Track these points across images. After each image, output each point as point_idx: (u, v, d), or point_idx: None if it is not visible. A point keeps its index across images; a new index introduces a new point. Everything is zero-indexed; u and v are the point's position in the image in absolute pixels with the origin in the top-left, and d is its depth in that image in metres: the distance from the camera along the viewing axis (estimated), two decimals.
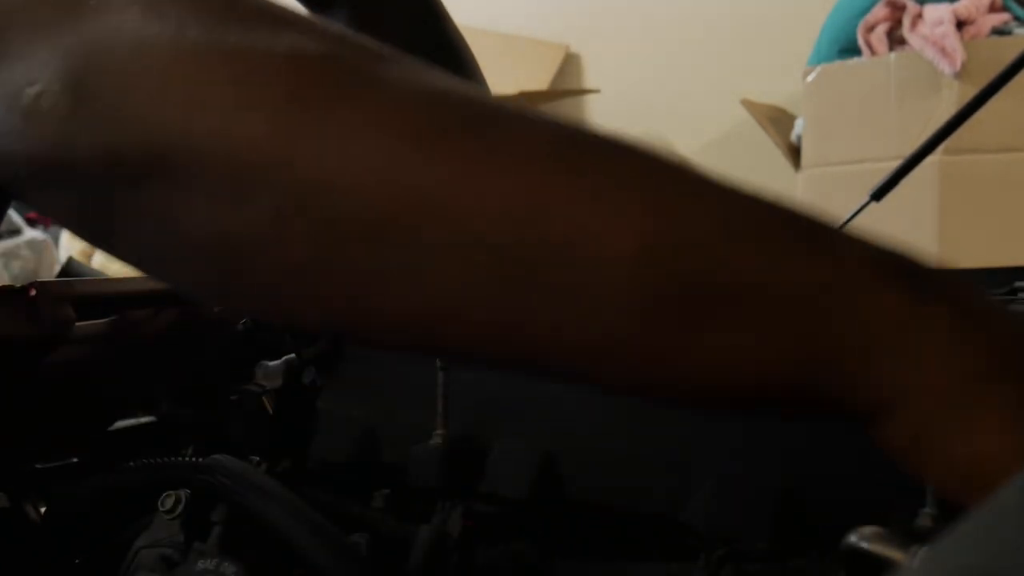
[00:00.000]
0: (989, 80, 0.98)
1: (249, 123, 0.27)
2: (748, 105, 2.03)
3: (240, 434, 0.62)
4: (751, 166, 2.38)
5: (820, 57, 1.86)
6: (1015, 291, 0.63)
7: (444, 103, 0.27)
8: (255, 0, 0.30)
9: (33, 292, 0.51)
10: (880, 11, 1.74)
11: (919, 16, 1.68)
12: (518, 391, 0.51)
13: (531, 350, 0.27)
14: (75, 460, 0.66)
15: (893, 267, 0.27)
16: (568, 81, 2.62)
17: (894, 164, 1.04)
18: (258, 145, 0.27)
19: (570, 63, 2.63)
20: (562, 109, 2.67)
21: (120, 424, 0.69)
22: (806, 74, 1.82)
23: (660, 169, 0.28)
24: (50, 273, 2.62)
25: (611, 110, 2.62)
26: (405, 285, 0.27)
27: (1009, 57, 0.97)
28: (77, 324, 0.54)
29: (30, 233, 2.77)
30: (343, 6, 0.81)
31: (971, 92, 1.02)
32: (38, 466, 0.63)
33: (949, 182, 1.61)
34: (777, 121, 2.02)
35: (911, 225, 1.62)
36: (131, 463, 0.56)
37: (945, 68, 1.60)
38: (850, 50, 1.80)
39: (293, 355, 0.59)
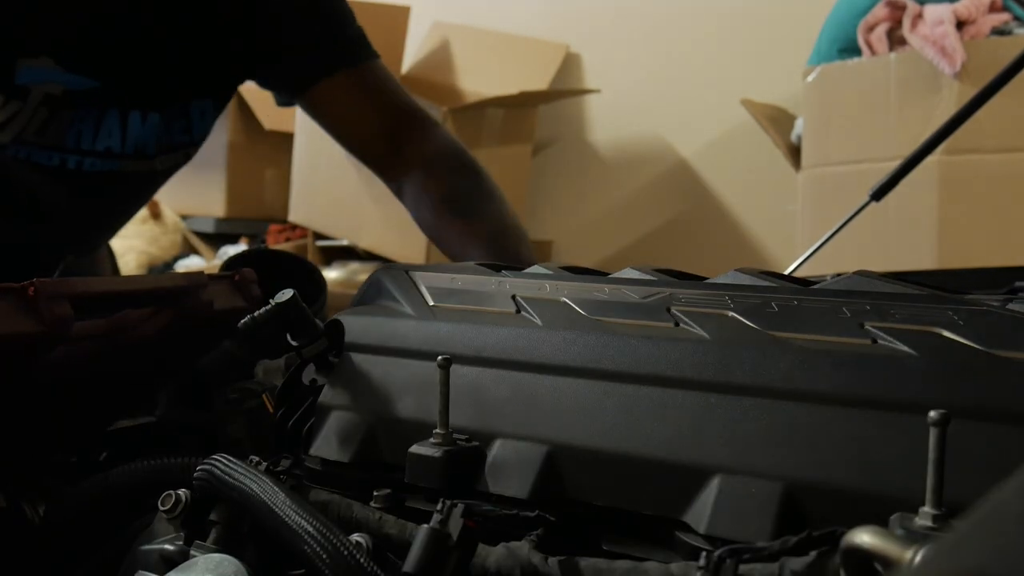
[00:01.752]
0: (989, 80, 0.98)
1: None
2: (748, 105, 2.03)
3: (240, 433, 0.62)
4: (751, 166, 2.38)
5: (820, 57, 1.86)
6: (1015, 291, 0.63)
7: None
8: None
9: (32, 290, 0.51)
10: (880, 11, 1.74)
11: (919, 16, 1.68)
12: (518, 391, 0.51)
13: None
14: (75, 460, 0.66)
15: None
16: (568, 81, 2.62)
17: (894, 164, 1.04)
18: None
19: (570, 63, 2.63)
20: (562, 109, 2.68)
21: (120, 424, 0.69)
22: (806, 74, 1.82)
23: None
24: None
25: (611, 110, 2.62)
26: None
27: (1009, 57, 0.97)
28: (76, 323, 0.54)
29: None
30: None
31: (971, 92, 1.02)
32: (37, 466, 0.63)
33: (949, 182, 1.61)
34: (777, 121, 2.02)
35: (911, 225, 1.62)
36: (130, 463, 0.56)
37: (945, 68, 1.60)
38: (850, 50, 1.80)
39: (293, 354, 0.59)
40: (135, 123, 1.11)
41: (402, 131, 1.22)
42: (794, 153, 1.90)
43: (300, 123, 2.48)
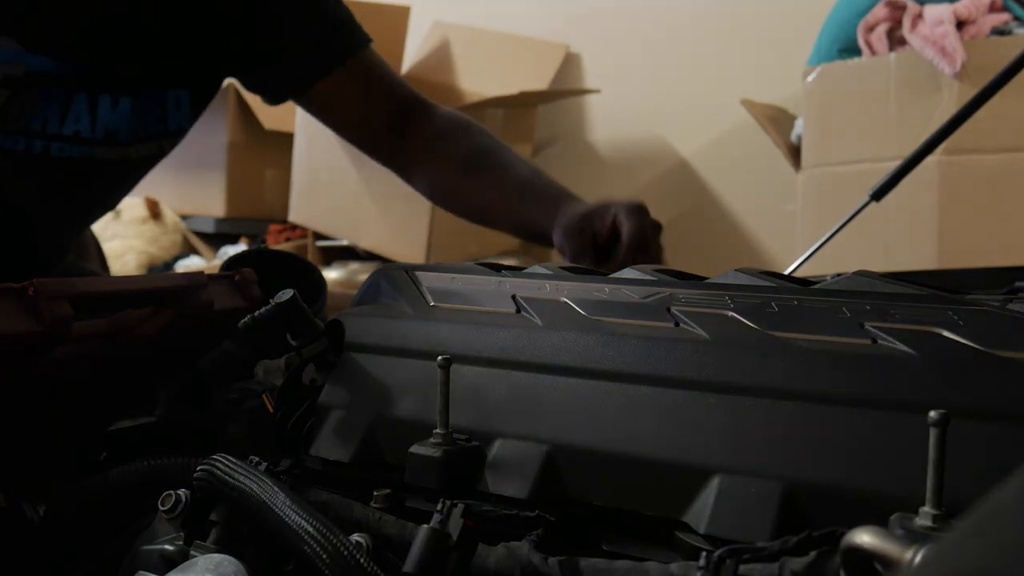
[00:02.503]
0: (989, 80, 0.98)
1: None
2: (748, 105, 2.03)
3: (240, 433, 0.62)
4: (751, 166, 2.38)
5: (820, 57, 1.86)
6: (1015, 291, 0.63)
7: None
8: None
9: (32, 290, 0.51)
10: (880, 11, 1.74)
11: (919, 16, 1.68)
12: (518, 391, 0.51)
13: None
14: (75, 460, 0.66)
15: None
16: (568, 81, 2.62)
17: (894, 164, 1.04)
18: None
19: (570, 63, 2.63)
20: (562, 109, 2.68)
21: (120, 424, 0.69)
22: (806, 74, 1.82)
23: None
24: None
25: (611, 110, 2.62)
26: None
27: (1009, 57, 0.97)
28: (76, 323, 0.54)
29: None
30: None
31: (971, 92, 1.02)
32: (38, 466, 0.63)
33: (949, 182, 1.61)
34: (777, 121, 2.02)
35: (911, 225, 1.62)
36: (130, 463, 0.56)
37: (945, 68, 1.60)
38: (850, 50, 1.80)
39: (293, 354, 0.59)
40: (105, 107, 1.06)
41: (405, 116, 1.23)
42: (794, 153, 1.90)
43: (300, 123, 2.48)
